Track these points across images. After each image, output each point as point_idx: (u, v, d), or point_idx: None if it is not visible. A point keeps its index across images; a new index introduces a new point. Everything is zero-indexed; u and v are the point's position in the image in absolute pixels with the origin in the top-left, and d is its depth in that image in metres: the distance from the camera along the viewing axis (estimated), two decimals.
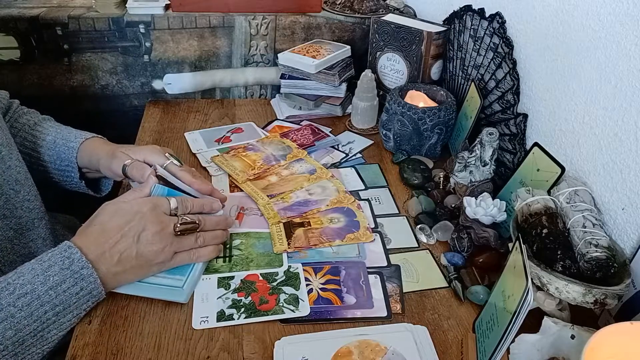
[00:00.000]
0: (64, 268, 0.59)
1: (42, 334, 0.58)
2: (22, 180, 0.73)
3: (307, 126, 1.09)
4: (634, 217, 0.64)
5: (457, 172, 0.84)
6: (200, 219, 0.69)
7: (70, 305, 0.60)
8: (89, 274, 0.60)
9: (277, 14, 1.15)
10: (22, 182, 0.73)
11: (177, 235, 0.66)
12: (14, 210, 0.71)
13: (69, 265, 0.59)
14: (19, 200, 0.72)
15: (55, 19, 1.09)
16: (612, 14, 0.66)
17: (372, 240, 0.78)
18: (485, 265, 0.73)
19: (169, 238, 0.65)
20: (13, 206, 0.71)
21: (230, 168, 0.93)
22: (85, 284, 0.60)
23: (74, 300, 0.60)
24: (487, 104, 0.93)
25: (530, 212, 0.68)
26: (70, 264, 0.59)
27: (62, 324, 0.60)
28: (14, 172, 0.72)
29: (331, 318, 0.66)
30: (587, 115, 0.72)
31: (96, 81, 1.17)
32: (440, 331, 0.65)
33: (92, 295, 0.61)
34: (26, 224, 0.74)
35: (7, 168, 0.71)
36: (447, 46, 1.05)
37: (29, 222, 0.74)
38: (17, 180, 0.72)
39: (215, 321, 0.65)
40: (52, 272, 0.59)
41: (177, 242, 0.67)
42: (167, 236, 0.65)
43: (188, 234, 0.68)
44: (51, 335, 0.59)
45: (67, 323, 0.60)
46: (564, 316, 0.62)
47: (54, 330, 0.59)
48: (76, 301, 0.60)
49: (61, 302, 0.59)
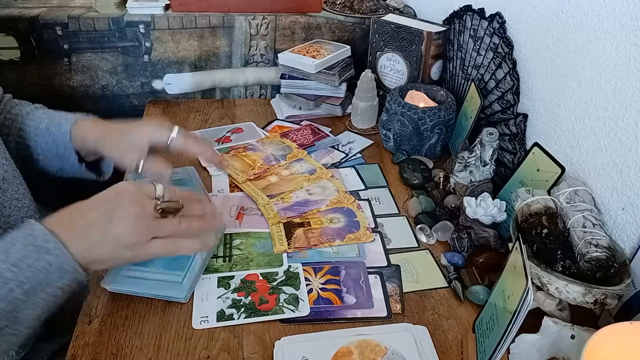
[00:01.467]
0: (27, 244, 0.55)
1: (15, 315, 0.54)
2: (10, 179, 0.72)
3: (307, 126, 1.09)
4: (634, 217, 0.64)
5: (457, 172, 0.84)
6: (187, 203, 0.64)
7: (40, 282, 0.55)
8: (54, 247, 0.55)
9: (277, 14, 1.15)
10: (9, 180, 0.71)
11: (158, 217, 0.61)
12: (2, 209, 0.70)
13: (32, 241, 0.55)
14: (6, 199, 0.70)
15: (55, 19, 1.09)
16: (612, 14, 0.66)
17: (372, 240, 0.78)
18: (485, 265, 0.73)
19: (146, 219, 0.59)
20: (1, 205, 0.70)
21: (230, 168, 0.93)
22: (52, 258, 0.55)
23: (42, 276, 0.55)
24: (487, 104, 0.93)
25: (530, 212, 0.68)
26: (33, 240, 0.55)
27: (35, 302, 0.55)
28: (0, 170, 0.70)
29: (331, 318, 0.66)
30: (587, 115, 0.72)
31: (96, 81, 1.17)
32: (440, 331, 0.65)
33: (63, 271, 0.56)
34: (15, 223, 0.71)
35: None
36: (447, 46, 1.05)
37: (17, 220, 0.72)
38: (5, 178, 0.70)
39: (215, 321, 0.65)
40: (15, 250, 0.55)
41: (156, 224, 0.60)
42: (145, 217, 0.59)
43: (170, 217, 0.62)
44: (25, 315, 0.55)
45: (41, 302, 0.55)
46: (564, 316, 0.62)
47: (29, 309, 0.55)
48: (45, 276, 0.55)
49: (28, 279, 0.54)
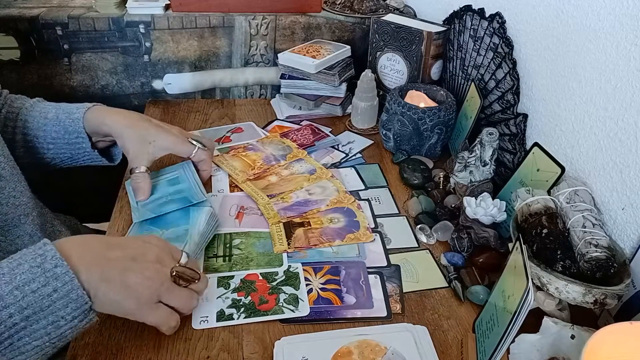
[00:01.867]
0: (34, 266, 0.51)
1: (11, 342, 0.50)
2: (8, 176, 0.71)
3: (307, 126, 1.09)
4: (634, 217, 0.64)
5: (457, 172, 0.84)
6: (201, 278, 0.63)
7: (43, 309, 0.50)
8: (64, 272, 0.51)
9: (277, 14, 1.15)
10: (7, 178, 0.71)
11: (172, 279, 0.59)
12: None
13: (41, 262, 0.51)
14: (4, 197, 0.70)
15: (55, 19, 1.09)
16: (612, 14, 0.66)
17: (372, 240, 0.78)
18: (485, 265, 0.73)
19: (163, 276, 0.58)
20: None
21: (230, 168, 0.93)
22: (60, 284, 0.51)
23: (46, 303, 0.50)
24: (487, 104, 0.93)
25: (530, 212, 0.68)
26: (42, 262, 0.51)
27: (35, 331, 0.50)
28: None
29: (331, 318, 0.66)
30: (587, 115, 0.72)
31: (96, 81, 1.17)
32: (440, 331, 0.65)
33: (71, 300, 0.51)
34: (12, 220, 0.71)
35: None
36: (447, 46, 1.05)
37: (15, 218, 0.71)
38: (2, 176, 0.70)
39: (215, 321, 0.65)
40: (20, 270, 0.51)
41: (169, 285, 0.59)
42: (162, 273, 0.58)
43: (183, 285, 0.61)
44: (23, 344, 0.50)
45: (41, 331, 0.51)
46: (564, 316, 0.62)
47: (26, 338, 0.50)
48: (50, 304, 0.50)
49: (29, 305, 0.50)
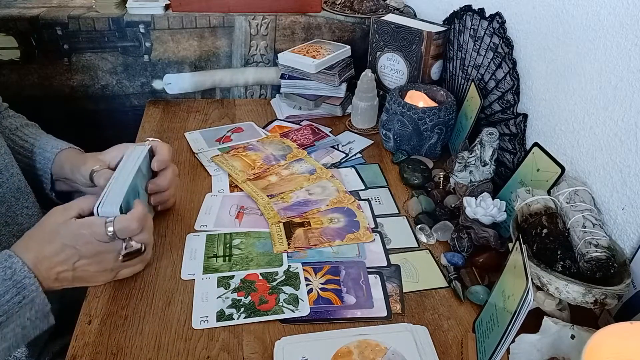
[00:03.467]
0: (6, 279, 0.59)
1: None
2: (23, 188, 0.74)
3: (307, 126, 1.09)
4: (634, 217, 0.64)
5: (457, 172, 0.84)
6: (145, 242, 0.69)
7: (12, 315, 0.58)
8: (32, 283, 0.60)
9: (277, 14, 1.15)
10: (22, 190, 0.74)
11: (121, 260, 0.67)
12: (15, 217, 0.72)
13: (11, 275, 0.59)
14: (19, 208, 0.73)
15: (55, 19, 1.09)
16: (612, 14, 0.66)
17: (372, 240, 0.78)
18: (485, 265, 0.73)
19: (109, 263, 0.66)
20: (14, 213, 0.72)
21: (230, 168, 0.93)
22: (27, 293, 0.60)
23: (16, 310, 0.59)
24: (487, 104, 0.93)
25: (530, 212, 0.68)
26: (12, 274, 0.59)
27: (4, 334, 0.58)
28: (15, 179, 0.73)
29: (331, 318, 0.66)
30: (587, 115, 0.72)
31: (96, 81, 1.17)
32: (440, 331, 0.65)
33: (34, 304, 0.60)
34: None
35: (11, 176, 0.72)
36: (447, 46, 1.05)
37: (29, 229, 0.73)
38: (19, 188, 0.73)
39: (215, 321, 0.65)
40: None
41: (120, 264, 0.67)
42: (106, 261, 0.66)
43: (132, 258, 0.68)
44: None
45: (10, 334, 0.59)
46: (564, 316, 0.62)
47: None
48: (18, 310, 0.59)
49: (4, 313, 0.58)
